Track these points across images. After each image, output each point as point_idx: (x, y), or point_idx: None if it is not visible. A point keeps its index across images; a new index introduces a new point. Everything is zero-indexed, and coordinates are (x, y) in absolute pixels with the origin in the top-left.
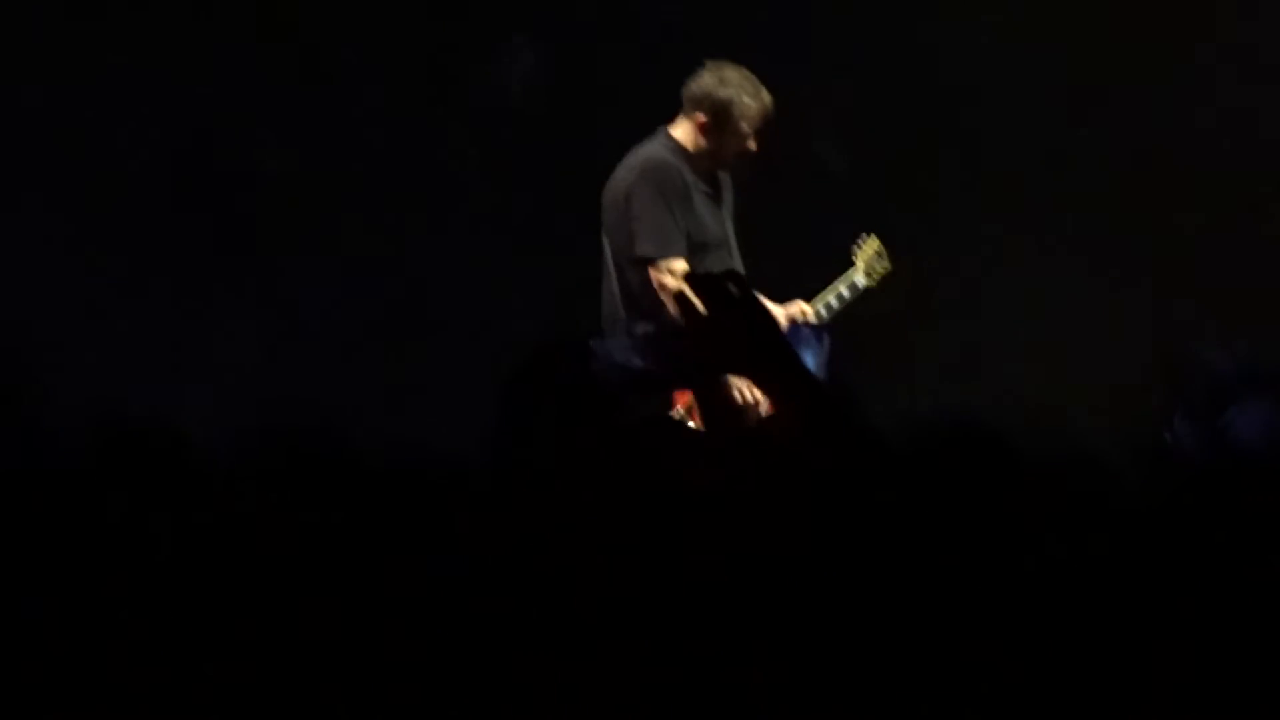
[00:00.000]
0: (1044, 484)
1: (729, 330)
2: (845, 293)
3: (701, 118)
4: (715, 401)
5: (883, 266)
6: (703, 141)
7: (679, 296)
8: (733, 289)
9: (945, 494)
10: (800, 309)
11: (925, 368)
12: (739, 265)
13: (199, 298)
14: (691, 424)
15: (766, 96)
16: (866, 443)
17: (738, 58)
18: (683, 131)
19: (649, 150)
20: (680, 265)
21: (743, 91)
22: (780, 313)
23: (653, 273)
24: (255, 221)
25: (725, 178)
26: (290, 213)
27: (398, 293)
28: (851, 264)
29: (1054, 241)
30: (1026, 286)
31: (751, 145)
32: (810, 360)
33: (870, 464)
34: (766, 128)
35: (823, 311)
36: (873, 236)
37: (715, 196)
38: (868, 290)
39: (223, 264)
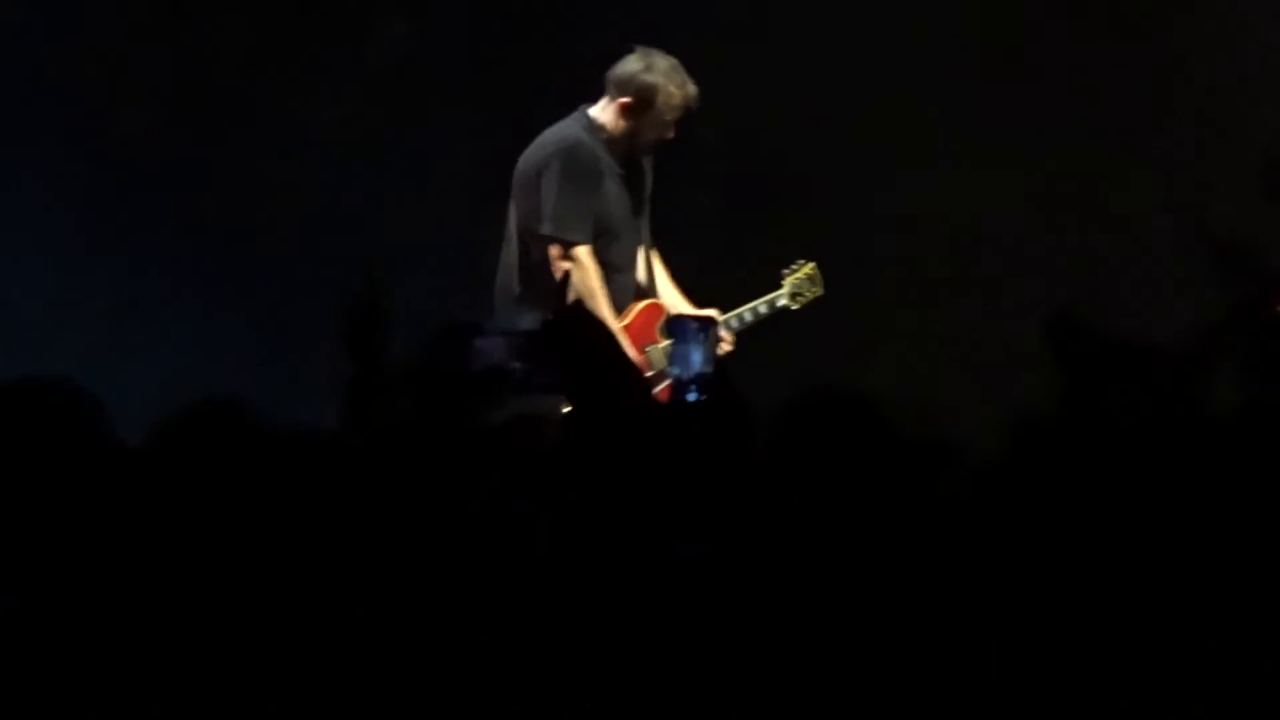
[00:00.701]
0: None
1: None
2: (763, 310)
3: (624, 101)
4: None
5: (812, 292)
6: (623, 124)
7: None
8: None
9: (812, 469)
10: (712, 315)
11: (814, 348)
12: (648, 252)
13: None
14: None
15: (692, 88)
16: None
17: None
18: (604, 113)
19: (566, 128)
20: (583, 250)
21: (670, 80)
22: (690, 312)
23: (554, 252)
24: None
25: (646, 164)
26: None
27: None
28: (779, 283)
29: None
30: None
31: (669, 134)
32: (696, 354)
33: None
34: (687, 118)
35: (734, 324)
36: (809, 263)
37: (630, 181)
38: (785, 310)
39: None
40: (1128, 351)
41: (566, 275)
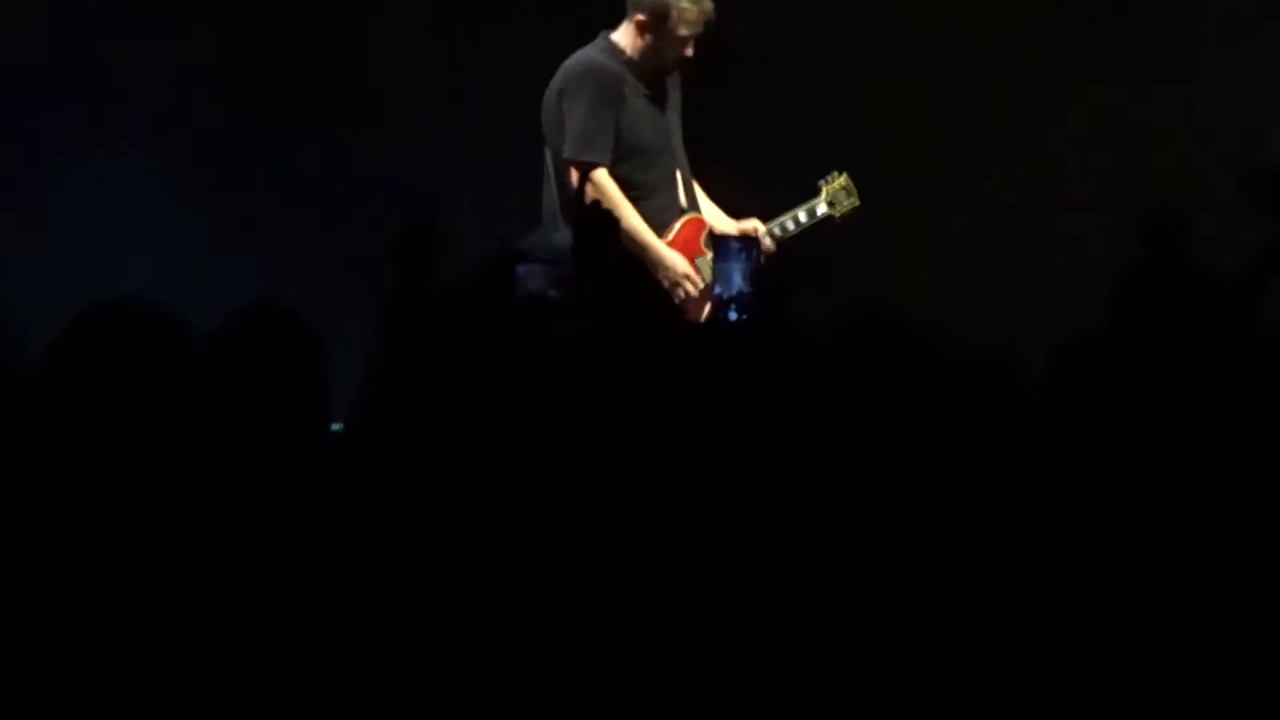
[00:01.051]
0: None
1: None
2: (803, 218)
3: (640, 18)
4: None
5: (850, 202)
6: (640, 43)
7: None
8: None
9: (859, 386)
10: (753, 226)
11: (858, 267)
12: (683, 171)
13: None
14: None
15: (708, 3)
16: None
17: None
18: (624, 35)
19: (585, 53)
20: (601, 172)
21: None
22: (731, 226)
23: (574, 175)
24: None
25: (674, 83)
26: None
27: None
28: (816, 193)
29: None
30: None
31: (689, 51)
32: (737, 273)
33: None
34: (707, 33)
35: (776, 232)
36: (843, 174)
37: (658, 101)
38: (828, 219)
39: None
40: (1185, 271)
41: (582, 195)
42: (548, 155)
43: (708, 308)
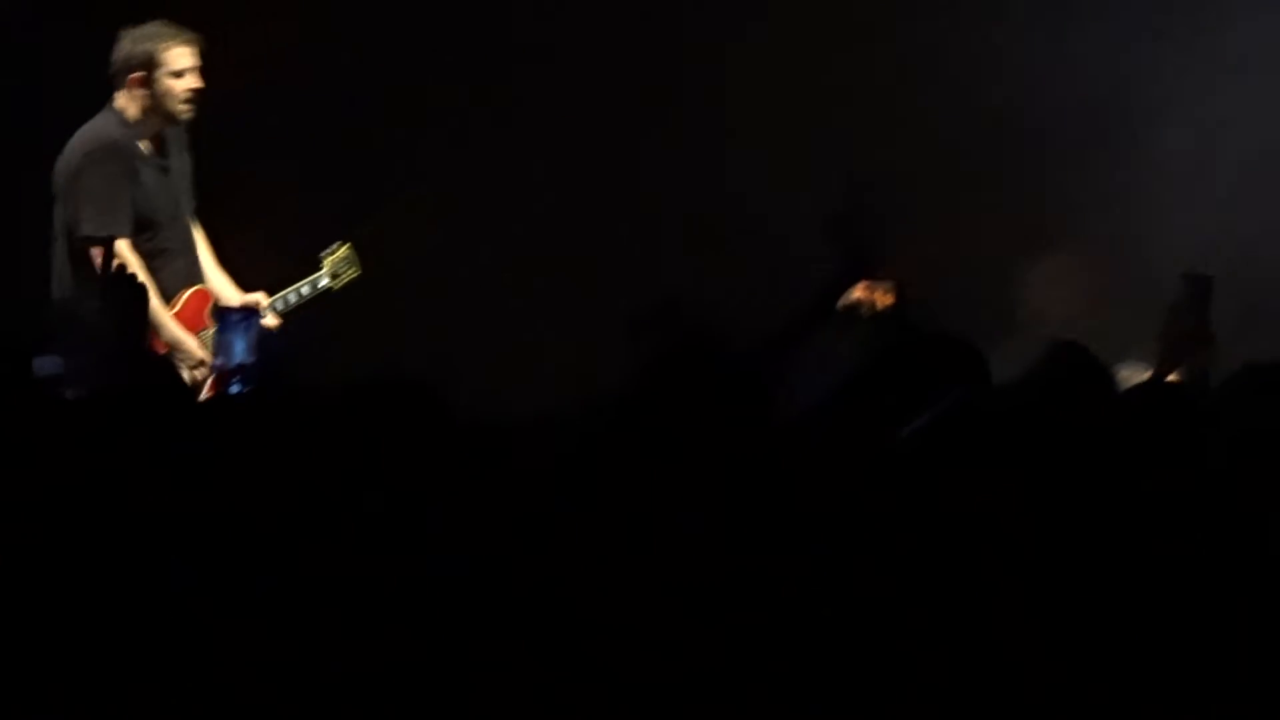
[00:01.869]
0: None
1: None
2: (306, 291)
3: (134, 76)
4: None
5: (351, 272)
6: (144, 101)
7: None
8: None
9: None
10: (256, 300)
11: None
12: (189, 239)
13: None
14: None
15: (190, 33)
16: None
17: None
18: (124, 100)
19: (97, 127)
20: (123, 245)
21: (160, 38)
22: (237, 298)
23: (94, 253)
24: None
25: (179, 142)
26: None
27: None
28: (318, 266)
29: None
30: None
31: (195, 82)
32: (239, 343)
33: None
34: (204, 61)
35: (279, 306)
36: (347, 244)
37: (166, 168)
38: (329, 291)
39: None
40: (702, 347)
41: (109, 274)
42: (58, 224)
43: (209, 382)
